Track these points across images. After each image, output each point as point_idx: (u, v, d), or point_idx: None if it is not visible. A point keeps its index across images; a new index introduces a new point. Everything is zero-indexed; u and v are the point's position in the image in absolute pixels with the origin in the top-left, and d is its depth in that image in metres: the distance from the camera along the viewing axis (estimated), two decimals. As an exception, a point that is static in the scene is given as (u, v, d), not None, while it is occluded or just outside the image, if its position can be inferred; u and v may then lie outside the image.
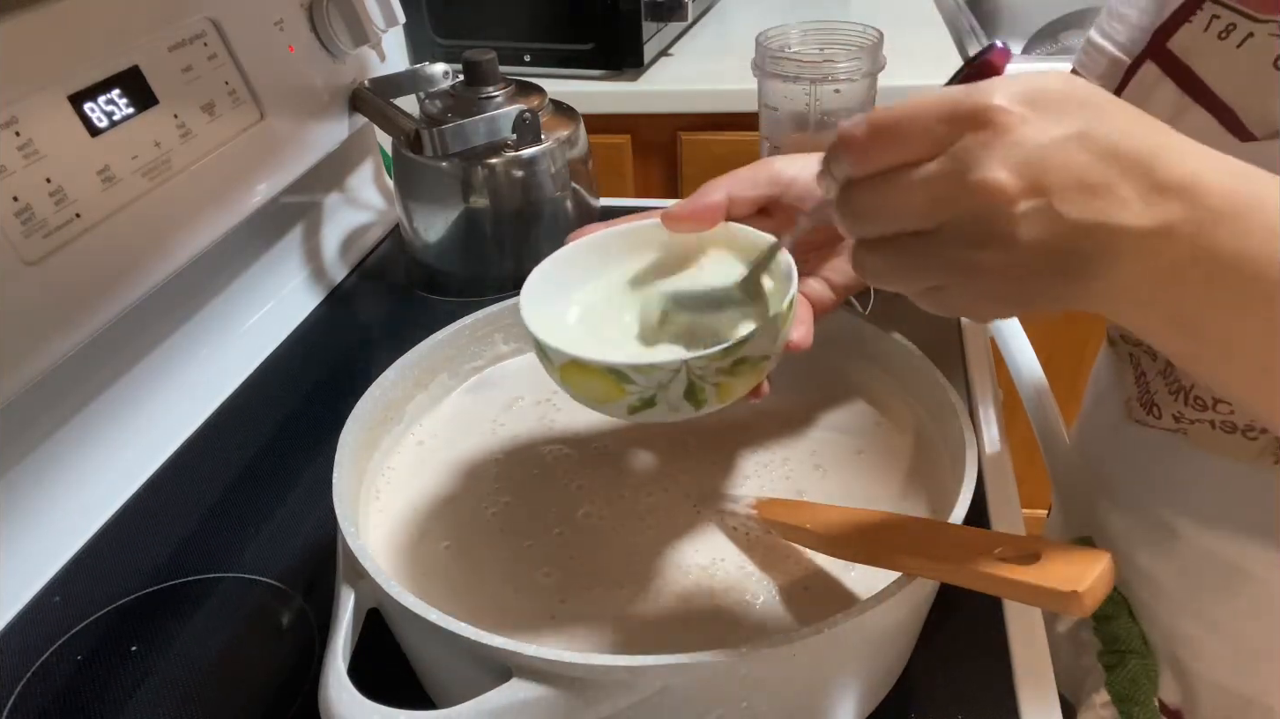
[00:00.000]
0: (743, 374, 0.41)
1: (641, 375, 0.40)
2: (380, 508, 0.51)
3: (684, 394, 0.40)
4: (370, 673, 0.39)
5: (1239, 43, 0.48)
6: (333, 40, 0.81)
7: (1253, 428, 0.50)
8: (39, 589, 0.57)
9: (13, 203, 0.54)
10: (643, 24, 1.24)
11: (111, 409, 0.66)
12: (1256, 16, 0.47)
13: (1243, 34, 0.48)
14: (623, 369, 0.40)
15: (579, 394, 0.43)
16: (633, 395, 0.40)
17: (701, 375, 0.40)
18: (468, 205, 0.82)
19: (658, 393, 0.40)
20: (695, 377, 0.40)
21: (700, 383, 0.40)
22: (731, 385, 0.41)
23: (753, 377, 0.42)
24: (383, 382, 0.53)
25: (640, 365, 0.40)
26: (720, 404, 0.42)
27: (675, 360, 0.39)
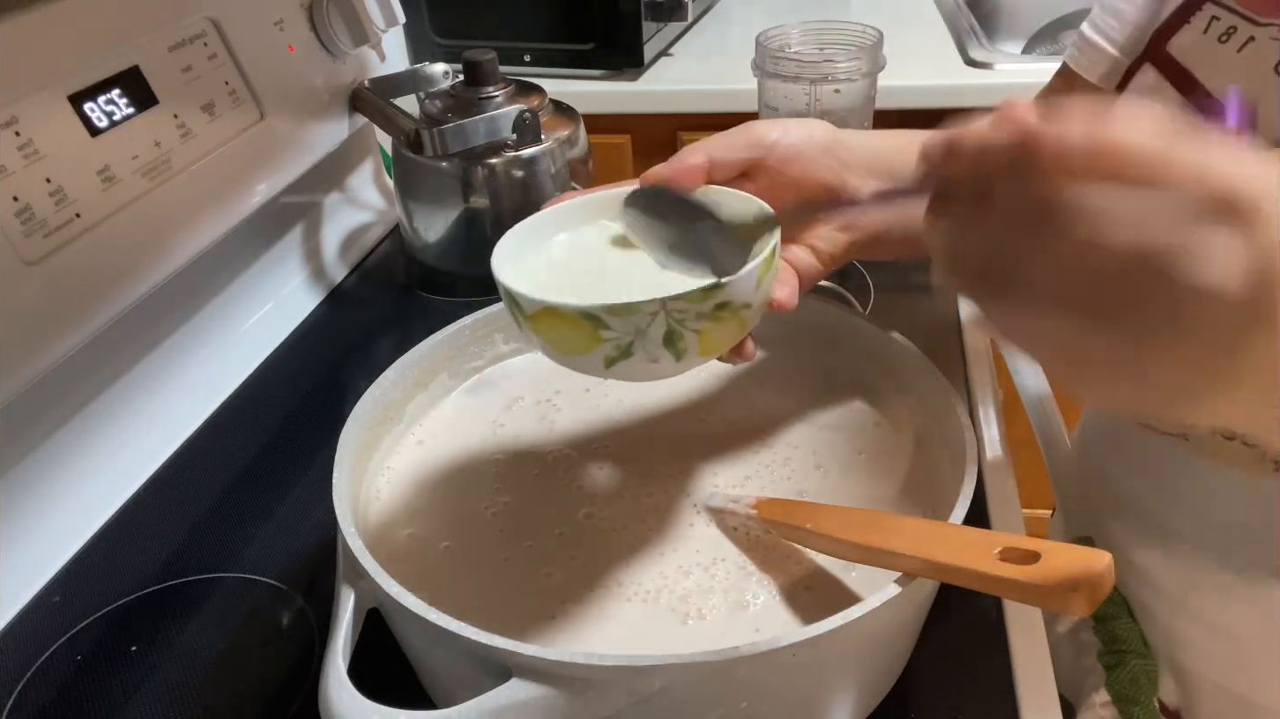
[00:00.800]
0: (724, 322, 0.40)
1: (617, 319, 0.38)
2: (380, 508, 0.51)
3: (663, 340, 0.38)
4: (370, 673, 0.39)
5: (1239, 47, 0.47)
6: (333, 40, 0.81)
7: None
8: (39, 589, 0.57)
9: (13, 203, 0.54)
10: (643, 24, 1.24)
11: (111, 409, 0.66)
12: (1258, 20, 0.47)
13: (1244, 38, 0.47)
14: (597, 312, 0.37)
15: (553, 347, 0.41)
16: (609, 343, 0.38)
17: (681, 319, 0.38)
18: (468, 205, 0.82)
19: (635, 339, 0.38)
20: (674, 320, 0.38)
21: (679, 328, 0.38)
22: (713, 334, 0.40)
23: (734, 326, 0.41)
24: (383, 382, 0.53)
25: (615, 306, 0.37)
26: (702, 357, 0.40)
27: (653, 301, 0.37)
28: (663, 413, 0.57)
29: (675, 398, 0.58)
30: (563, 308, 0.38)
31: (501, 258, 0.43)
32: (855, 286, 0.80)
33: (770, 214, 0.42)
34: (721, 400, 0.58)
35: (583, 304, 0.38)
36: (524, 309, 0.40)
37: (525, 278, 0.42)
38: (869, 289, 0.80)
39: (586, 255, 0.46)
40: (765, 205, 0.43)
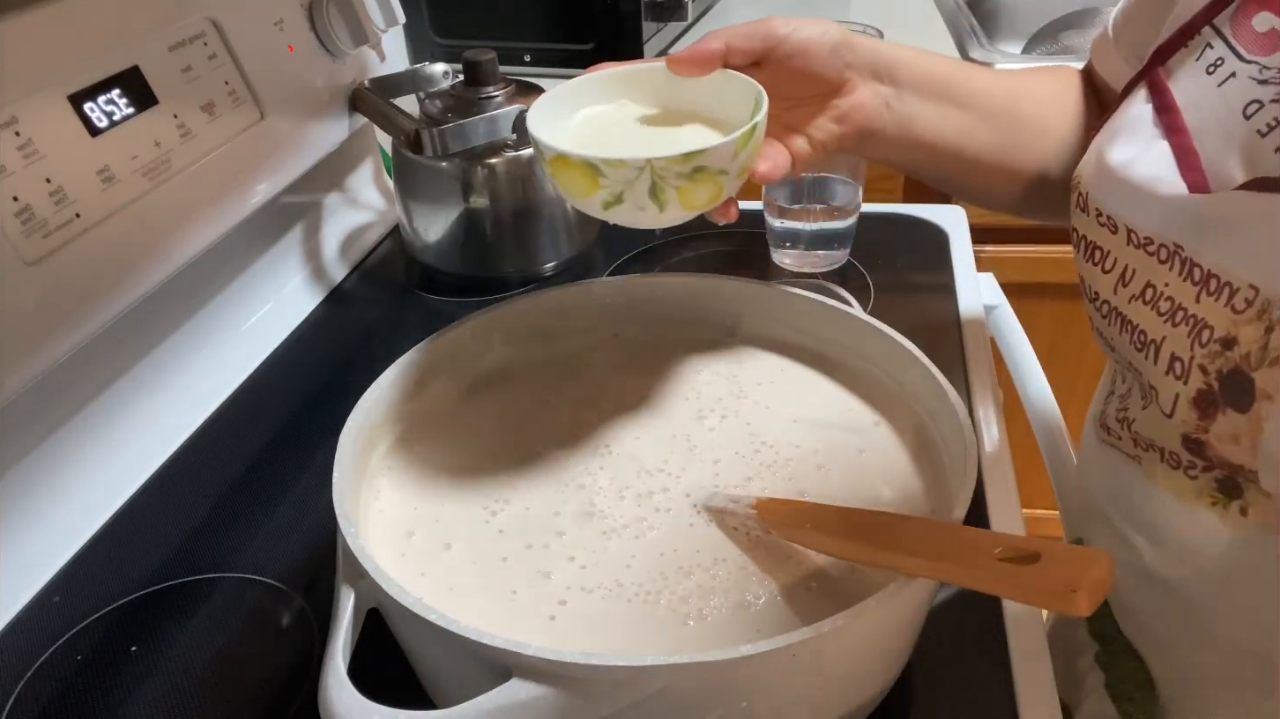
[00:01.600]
0: (701, 183, 0.47)
1: (611, 169, 0.46)
2: (380, 508, 0.51)
3: (648, 193, 0.46)
4: (370, 673, 0.39)
5: (1221, 81, 0.47)
6: (333, 40, 0.81)
7: (1194, 465, 0.48)
8: (39, 589, 0.57)
9: (13, 203, 0.54)
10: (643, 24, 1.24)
11: (111, 409, 0.66)
12: (1244, 56, 0.46)
13: (1227, 73, 0.46)
14: (595, 162, 0.46)
15: (563, 189, 0.49)
16: (605, 190, 0.47)
17: (663, 176, 0.46)
18: (468, 205, 0.82)
19: (625, 189, 0.46)
20: (658, 176, 0.46)
21: (662, 184, 0.46)
22: (691, 192, 0.47)
23: (712, 187, 0.48)
24: (383, 382, 0.53)
25: (610, 160, 0.46)
26: (684, 211, 0.48)
27: (639, 158, 0.45)
28: (663, 413, 0.57)
29: (676, 398, 0.58)
30: (570, 156, 0.47)
31: (536, 117, 0.51)
32: (855, 287, 0.80)
33: (763, 98, 0.49)
34: (722, 400, 0.58)
35: (584, 154, 0.46)
36: (544, 155, 0.48)
37: (555, 130, 0.51)
38: (869, 289, 0.80)
39: (606, 124, 0.54)
40: (760, 88, 0.50)
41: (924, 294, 0.79)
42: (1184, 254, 0.45)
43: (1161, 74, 0.50)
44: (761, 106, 0.48)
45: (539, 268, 0.85)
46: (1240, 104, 0.45)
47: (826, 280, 0.82)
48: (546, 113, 0.51)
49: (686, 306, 0.62)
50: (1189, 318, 0.45)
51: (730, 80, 0.52)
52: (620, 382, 0.59)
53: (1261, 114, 0.43)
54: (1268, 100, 0.43)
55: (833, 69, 0.53)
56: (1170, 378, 0.46)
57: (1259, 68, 0.45)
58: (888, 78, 0.55)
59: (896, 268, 0.82)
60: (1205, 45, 0.48)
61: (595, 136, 0.53)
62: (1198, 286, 0.44)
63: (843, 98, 0.54)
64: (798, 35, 0.52)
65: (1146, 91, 0.50)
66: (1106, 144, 0.51)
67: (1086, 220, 0.51)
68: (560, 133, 0.52)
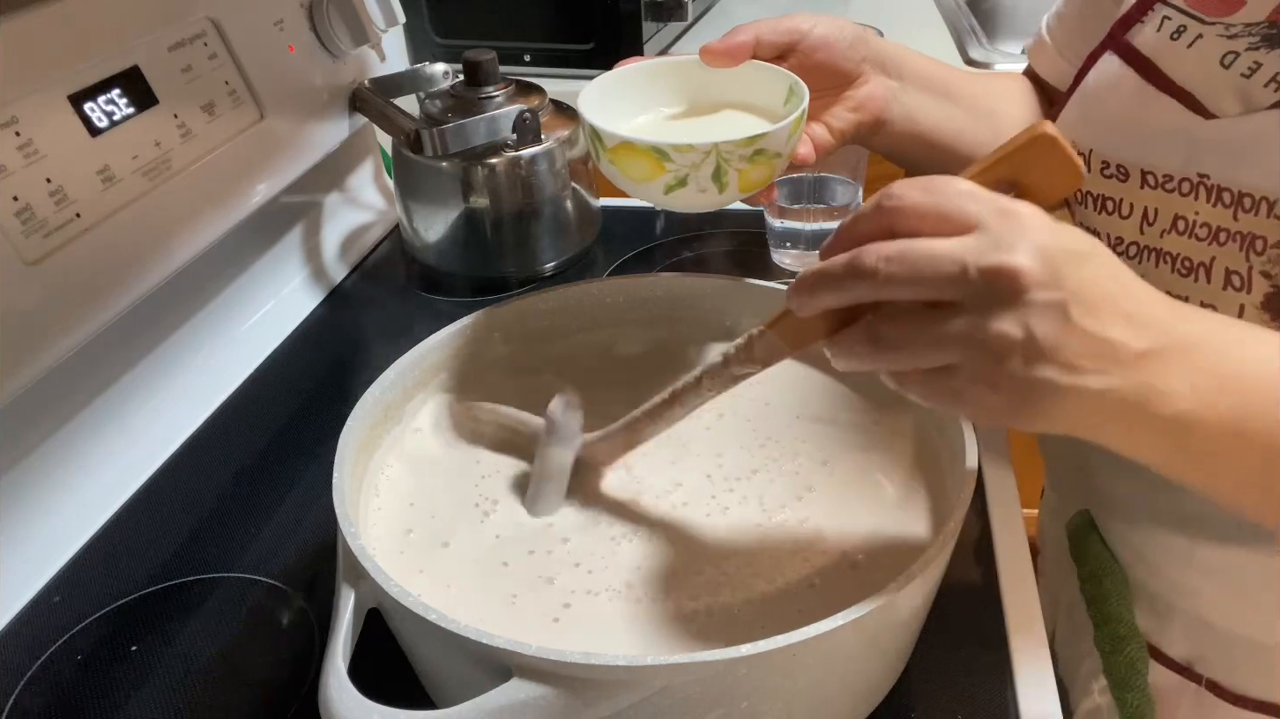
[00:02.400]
0: (759, 164, 0.51)
1: (680, 154, 0.49)
2: (380, 508, 0.51)
3: (711, 175, 0.50)
4: (370, 673, 0.39)
5: (1189, 43, 0.50)
6: (333, 40, 0.81)
7: None
8: (39, 589, 0.57)
9: (13, 203, 0.54)
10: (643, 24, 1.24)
11: (111, 409, 0.66)
12: (1204, 19, 0.49)
13: (1193, 35, 0.49)
14: (664, 148, 0.49)
15: (625, 174, 0.52)
16: (669, 174, 0.50)
17: (727, 159, 0.49)
18: (468, 205, 0.82)
19: (690, 172, 0.49)
20: (722, 159, 0.49)
21: (725, 165, 0.50)
22: (749, 174, 0.51)
23: (766, 170, 0.51)
24: (383, 382, 0.53)
25: (680, 145, 0.49)
26: (739, 193, 0.52)
27: (708, 143, 0.49)
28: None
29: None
30: (637, 142, 0.50)
31: (587, 102, 0.54)
32: (855, 286, 0.80)
33: (802, 86, 0.53)
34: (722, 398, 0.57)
35: (653, 140, 0.50)
36: (605, 143, 0.51)
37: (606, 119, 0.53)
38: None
39: (655, 105, 0.58)
40: (795, 76, 0.54)
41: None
42: (1210, 182, 0.47)
43: (1127, 40, 0.53)
44: (803, 95, 0.52)
45: (539, 268, 0.85)
46: (1215, 57, 0.48)
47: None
48: (596, 100, 0.54)
49: (686, 306, 0.62)
50: (1234, 235, 0.47)
51: (760, 71, 0.55)
52: (621, 381, 0.59)
53: (1239, 61, 0.47)
54: (1242, 50, 0.47)
55: (851, 61, 0.56)
56: (1230, 291, 0.47)
57: (1224, 26, 0.48)
58: (895, 72, 0.58)
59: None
60: (1163, 18, 0.51)
61: (651, 129, 0.57)
62: (1231, 208, 0.47)
63: (857, 88, 0.57)
64: (820, 30, 0.55)
65: (1117, 57, 0.53)
66: (1094, 107, 0.54)
67: (1090, 176, 0.54)
68: (613, 119, 0.54)
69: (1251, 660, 0.58)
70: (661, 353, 0.61)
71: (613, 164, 0.52)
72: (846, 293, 0.36)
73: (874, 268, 0.34)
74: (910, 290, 0.34)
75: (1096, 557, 0.62)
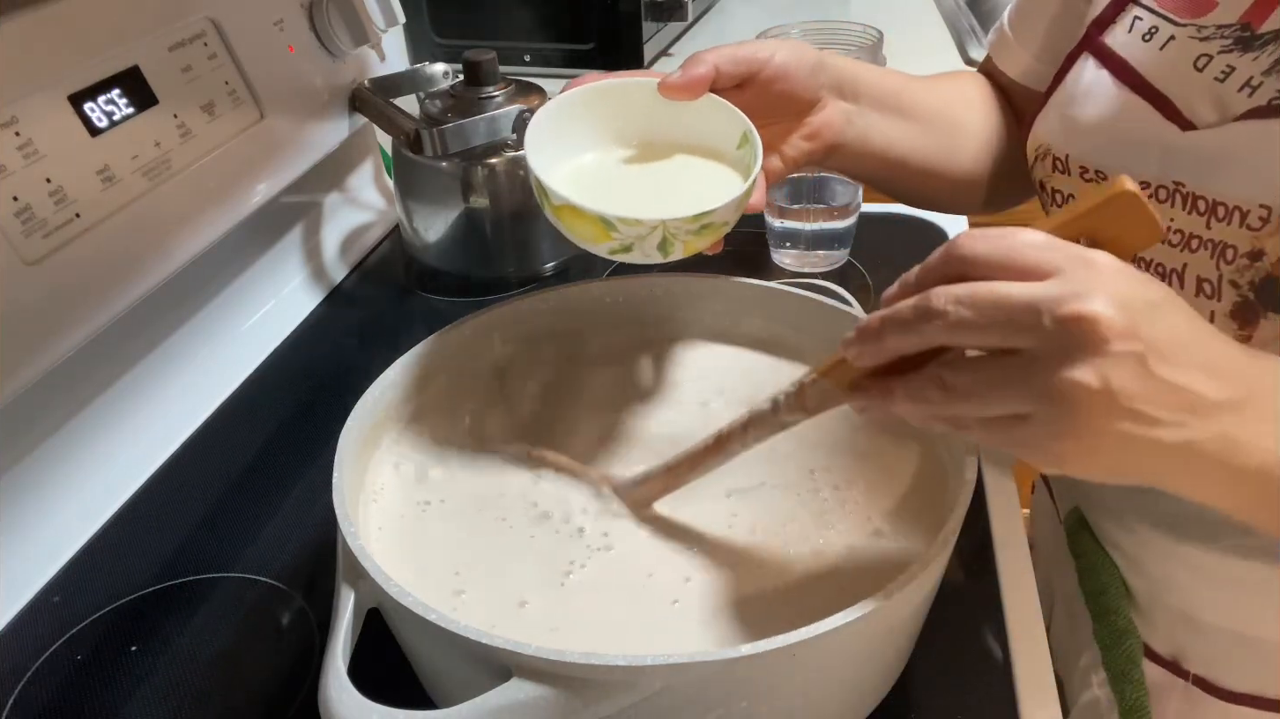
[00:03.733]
0: (706, 235, 0.49)
1: (626, 227, 0.47)
2: (380, 508, 0.51)
3: (657, 246, 0.48)
4: (370, 673, 0.39)
5: (1161, 45, 0.50)
6: (333, 40, 0.81)
7: None
8: (39, 589, 0.57)
9: (13, 203, 0.54)
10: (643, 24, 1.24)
11: (111, 409, 0.66)
12: (1176, 20, 0.49)
13: (1165, 37, 0.50)
14: (611, 219, 0.47)
15: (571, 231, 0.49)
16: (615, 241, 0.48)
17: (674, 234, 0.48)
18: (468, 205, 0.82)
19: (636, 242, 0.47)
20: (669, 233, 0.47)
21: (672, 239, 0.48)
22: (695, 243, 0.49)
23: (713, 235, 0.49)
24: (383, 381, 0.53)
25: (626, 219, 0.46)
26: (683, 255, 0.50)
27: (654, 220, 0.47)
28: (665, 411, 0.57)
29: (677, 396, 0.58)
30: (584, 209, 0.47)
31: (534, 141, 0.50)
32: (855, 287, 0.80)
33: (756, 138, 0.51)
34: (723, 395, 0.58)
35: (600, 209, 0.47)
36: (551, 200, 0.48)
37: (552, 165, 0.51)
38: (869, 289, 0.80)
39: (603, 148, 0.55)
40: (749, 124, 0.51)
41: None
42: (1185, 190, 0.47)
43: (1103, 41, 0.53)
44: (757, 152, 0.50)
45: (539, 268, 0.85)
46: (1189, 60, 0.48)
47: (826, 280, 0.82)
48: (542, 139, 0.51)
49: (686, 307, 0.62)
50: (1206, 243, 0.47)
51: (717, 109, 0.52)
52: (621, 381, 0.59)
53: (1213, 64, 0.47)
54: (1215, 53, 0.47)
55: (810, 90, 0.55)
56: (1201, 299, 0.48)
57: (1196, 28, 0.48)
58: (851, 94, 0.57)
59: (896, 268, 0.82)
60: (1134, 18, 0.51)
61: (597, 178, 0.53)
62: (1204, 216, 0.47)
63: (813, 115, 0.56)
64: (779, 58, 0.53)
65: (1094, 60, 0.53)
66: (1071, 110, 0.54)
67: (1068, 180, 0.54)
68: (559, 167, 0.52)
69: (1237, 655, 0.58)
70: (662, 353, 0.61)
71: (558, 219, 0.49)
72: (914, 337, 0.34)
73: (943, 309, 0.33)
74: (982, 336, 0.33)
75: (1093, 551, 0.62)
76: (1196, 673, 0.60)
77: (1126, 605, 0.60)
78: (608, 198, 0.49)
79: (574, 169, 0.53)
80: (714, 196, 0.48)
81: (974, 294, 0.33)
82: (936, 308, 0.33)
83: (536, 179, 0.49)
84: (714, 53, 0.52)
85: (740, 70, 0.53)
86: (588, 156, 0.54)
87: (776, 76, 0.53)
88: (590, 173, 0.54)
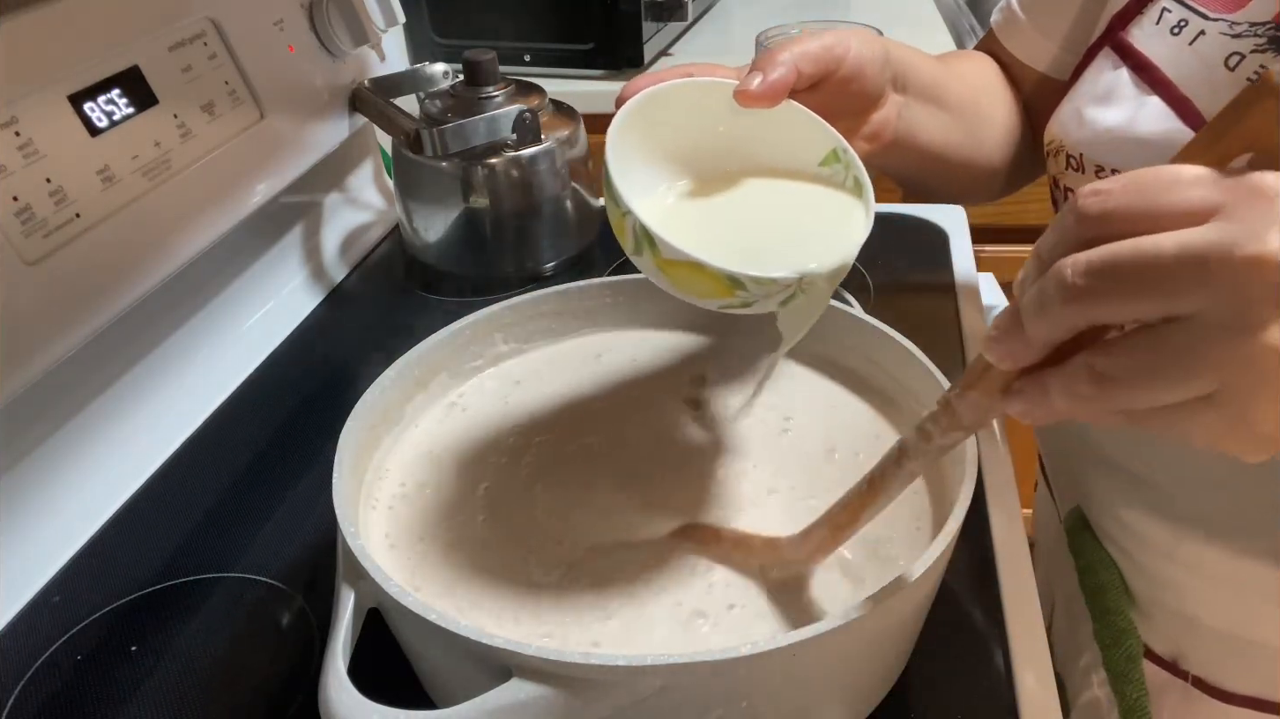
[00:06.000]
0: (835, 281, 0.43)
1: (758, 286, 0.41)
2: (380, 508, 0.51)
3: (782, 302, 0.42)
4: (370, 673, 0.39)
5: (1191, 40, 0.48)
6: (333, 40, 0.81)
7: None
8: (39, 589, 0.57)
9: (13, 203, 0.54)
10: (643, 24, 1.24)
11: (111, 409, 0.66)
12: (1207, 15, 0.48)
13: (1194, 32, 0.48)
14: (741, 278, 0.40)
15: (678, 288, 0.42)
16: (737, 298, 0.41)
17: (807, 287, 0.41)
18: (468, 205, 0.82)
19: (761, 300, 0.41)
20: (802, 288, 0.41)
21: (801, 293, 0.42)
22: (823, 292, 0.43)
23: (836, 283, 0.44)
24: (383, 382, 0.53)
25: (761, 279, 0.40)
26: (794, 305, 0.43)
27: (792, 277, 0.41)
28: (664, 410, 0.57)
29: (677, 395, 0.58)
30: (710, 267, 0.40)
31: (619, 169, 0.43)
32: (855, 287, 0.80)
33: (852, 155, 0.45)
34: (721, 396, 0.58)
35: (731, 268, 0.40)
36: (660, 252, 0.41)
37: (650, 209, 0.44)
38: (869, 289, 0.80)
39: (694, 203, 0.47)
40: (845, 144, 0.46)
41: (924, 294, 0.79)
42: None
43: (1125, 38, 0.51)
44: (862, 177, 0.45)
45: (539, 268, 0.85)
46: (1219, 58, 0.46)
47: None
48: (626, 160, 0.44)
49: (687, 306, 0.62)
50: None
51: (797, 118, 0.47)
52: (622, 381, 0.59)
53: (1246, 64, 0.45)
54: (1248, 51, 0.45)
55: (879, 86, 0.51)
56: None
57: (1228, 24, 0.46)
58: (902, 86, 0.54)
59: (896, 268, 0.82)
60: (1162, 10, 0.50)
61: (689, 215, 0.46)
62: None
63: (876, 112, 0.52)
64: (854, 54, 0.49)
65: (1115, 56, 0.52)
66: (1088, 109, 0.53)
67: (1082, 178, 0.53)
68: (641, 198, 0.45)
69: (1236, 656, 0.58)
70: (662, 352, 0.61)
71: (661, 273, 0.42)
72: (1054, 324, 0.29)
73: (1073, 283, 0.27)
74: (1134, 306, 0.27)
75: (1093, 551, 0.62)
76: (1195, 674, 0.60)
77: (1126, 605, 0.60)
78: (717, 244, 0.42)
79: (659, 202, 0.47)
80: (840, 236, 0.43)
81: (1112, 256, 0.27)
82: (1068, 282, 0.27)
83: (639, 225, 0.41)
84: (789, 51, 0.47)
85: (819, 70, 0.48)
86: (663, 186, 0.47)
87: (852, 75, 0.49)
88: (678, 207, 0.47)
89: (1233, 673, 0.59)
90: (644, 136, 0.46)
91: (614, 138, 0.44)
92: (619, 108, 0.46)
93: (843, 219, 0.45)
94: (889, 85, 0.52)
